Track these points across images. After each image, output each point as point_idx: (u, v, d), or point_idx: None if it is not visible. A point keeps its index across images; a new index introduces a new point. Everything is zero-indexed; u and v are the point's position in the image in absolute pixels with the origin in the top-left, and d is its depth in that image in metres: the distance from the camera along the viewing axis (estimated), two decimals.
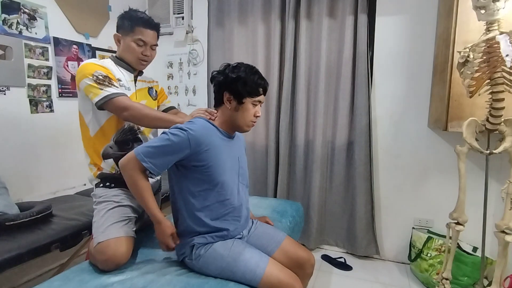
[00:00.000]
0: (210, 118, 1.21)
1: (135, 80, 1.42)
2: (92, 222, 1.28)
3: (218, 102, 1.22)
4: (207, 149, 1.10)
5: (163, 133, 1.09)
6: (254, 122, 1.22)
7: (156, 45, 1.39)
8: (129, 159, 1.08)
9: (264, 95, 1.22)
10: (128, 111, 1.22)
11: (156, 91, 1.53)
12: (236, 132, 1.28)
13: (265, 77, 1.23)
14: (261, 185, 2.46)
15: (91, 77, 1.22)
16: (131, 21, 1.31)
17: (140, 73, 1.46)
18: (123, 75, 1.35)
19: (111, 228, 1.20)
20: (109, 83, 1.24)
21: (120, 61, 1.37)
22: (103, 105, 1.22)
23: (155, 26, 1.36)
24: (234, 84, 1.15)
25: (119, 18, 1.34)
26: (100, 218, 1.24)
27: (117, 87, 1.26)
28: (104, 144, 1.32)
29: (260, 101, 1.20)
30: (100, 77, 1.23)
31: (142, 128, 1.40)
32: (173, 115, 1.36)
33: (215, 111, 1.24)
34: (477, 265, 1.69)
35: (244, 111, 1.17)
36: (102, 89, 1.22)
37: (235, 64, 1.20)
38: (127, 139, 1.35)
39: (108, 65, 1.32)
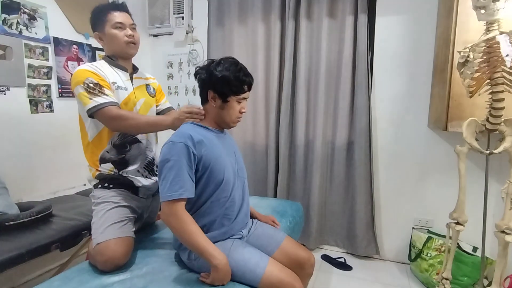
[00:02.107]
0: (199, 119, 1.21)
1: (132, 78, 1.41)
2: (91, 223, 1.28)
3: (204, 100, 1.20)
4: (205, 148, 1.10)
5: (163, 161, 1.07)
6: (240, 117, 1.22)
7: (134, 24, 1.38)
8: (167, 209, 1.03)
9: (249, 90, 1.20)
10: (116, 121, 1.22)
11: (153, 88, 1.53)
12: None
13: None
14: (261, 185, 2.46)
15: (82, 85, 1.22)
16: (100, 13, 1.33)
17: (135, 69, 1.45)
18: (118, 76, 1.34)
19: (110, 229, 1.20)
20: (99, 91, 1.23)
21: (112, 60, 1.36)
22: (93, 114, 1.23)
23: (122, 7, 1.36)
24: (218, 84, 1.13)
25: (90, 19, 1.36)
26: (99, 219, 1.24)
27: (107, 95, 1.24)
28: (101, 149, 1.32)
29: (245, 98, 1.19)
30: (91, 85, 1.22)
31: None
32: (160, 116, 1.35)
33: (202, 110, 1.22)
34: (477, 265, 1.69)
35: (230, 109, 1.17)
36: (91, 99, 1.21)
37: (219, 61, 1.17)
38: (125, 142, 1.34)
39: (102, 68, 1.30)
